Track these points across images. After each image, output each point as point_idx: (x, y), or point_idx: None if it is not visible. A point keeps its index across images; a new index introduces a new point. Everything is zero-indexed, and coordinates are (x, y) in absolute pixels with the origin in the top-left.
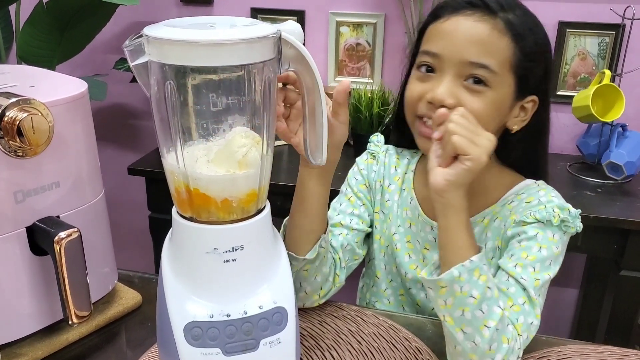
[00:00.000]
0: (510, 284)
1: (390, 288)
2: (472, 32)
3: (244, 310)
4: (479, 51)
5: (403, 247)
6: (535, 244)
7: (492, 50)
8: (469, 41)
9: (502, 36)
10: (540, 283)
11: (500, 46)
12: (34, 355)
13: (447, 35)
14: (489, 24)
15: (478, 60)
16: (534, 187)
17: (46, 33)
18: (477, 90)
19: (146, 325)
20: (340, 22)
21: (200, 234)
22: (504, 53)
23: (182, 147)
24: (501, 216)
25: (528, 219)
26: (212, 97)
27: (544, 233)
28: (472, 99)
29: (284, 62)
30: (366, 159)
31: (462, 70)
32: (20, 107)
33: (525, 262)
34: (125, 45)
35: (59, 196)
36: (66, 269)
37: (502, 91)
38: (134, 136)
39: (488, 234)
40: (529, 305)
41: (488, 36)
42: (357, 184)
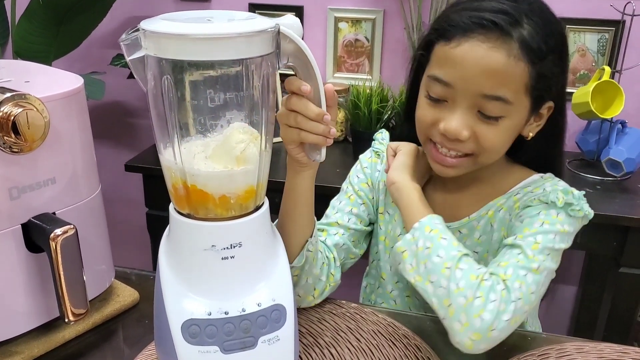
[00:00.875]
0: (503, 255)
1: (396, 289)
2: (485, 63)
3: (242, 307)
4: (494, 84)
5: None
6: (537, 220)
7: (507, 81)
8: (482, 73)
9: (518, 62)
10: (540, 247)
11: (517, 73)
12: (30, 354)
13: (458, 64)
14: (504, 51)
15: (493, 93)
16: (540, 180)
17: (42, 28)
18: (493, 121)
19: (143, 323)
20: (338, 18)
21: (198, 231)
22: (521, 80)
23: (179, 143)
24: (506, 207)
25: (532, 203)
26: (210, 92)
27: (547, 211)
28: (487, 129)
29: (283, 56)
30: (370, 157)
31: (475, 102)
32: (15, 102)
33: (525, 234)
34: (121, 39)
35: (54, 192)
36: (62, 266)
37: (519, 116)
38: (131, 132)
39: (494, 225)
40: (523, 263)
41: (503, 66)
42: (359, 183)
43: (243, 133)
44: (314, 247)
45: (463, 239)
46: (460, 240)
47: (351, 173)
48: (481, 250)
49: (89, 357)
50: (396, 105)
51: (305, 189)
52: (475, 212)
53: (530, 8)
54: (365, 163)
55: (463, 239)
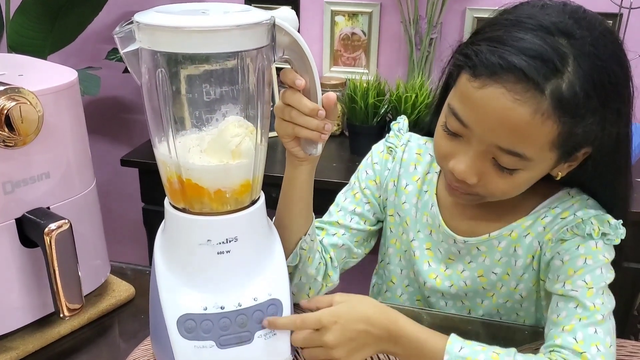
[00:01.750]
0: (560, 310)
1: (406, 293)
2: (507, 116)
3: (238, 302)
4: (513, 140)
5: (422, 255)
6: (579, 257)
7: (529, 139)
8: (502, 126)
9: (545, 120)
10: (594, 291)
11: (542, 132)
12: (25, 349)
13: (479, 108)
14: (531, 107)
15: (510, 148)
16: (567, 198)
17: (37, 22)
18: (507, 173)
19: (139, 318)
20: (335, 12)
21: (194, 226)
22: (545, 138)
23: (174, 137)
24: (533, 232)
25: (566, 236)
26: (205, 86)
27: (585, 245)
28: (499, 179)
29: (278, 49)
30: (382, 152)
31: (490, 149)
32: (8, 95)
33: (573, 277)
34: (115, 32)
35: (49, 187)
36: (57, 261)
37: (540, 168)
38: (127, 127)
39: (518, 250)
40: (586, 319)
41: (526, 124)
42: (367, 180)
43: (238, 127)
44: (309, 245)
45: (481, 256)
46: (478, 258)
47: (361, 166)
48: (500, 272)
49: (84, 353)
50: (392, 99)
51: (302, 183)
52: (497, 231)
53: (591, 42)
54: (376, 158)
55: (481, 256)
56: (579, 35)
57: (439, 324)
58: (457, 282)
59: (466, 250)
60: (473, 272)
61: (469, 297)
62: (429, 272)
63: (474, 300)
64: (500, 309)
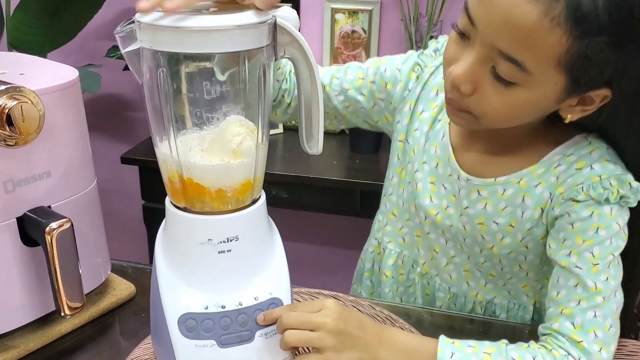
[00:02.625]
0: (560, 287)
1: (406, 227)
2: (513, 14)
3: (239, 301)
4: (514, 42)
5: (425, 188)
6: (590, 225)
7: (531, 45)
8: (505, 24)
9: (554, 27)
10: (600, 268)
11: (548, 41)
12: (26, 347)
13: (486, 1)
14: (542, 6)
15: (509, 53)
16: (584, 144)
17: (37, 19)
18: (502, 85)
19: (140, 316)
20: (335, 9)
21: (195, 225)
22: (551, 50)
23: (175, 136)
24: (545, 182)
25: (579, 196)
26: (206, 85)
27: (600, 211)
28: (493, 92)
29: (279, 48)
30: (411, 67)
31: (491, 54)
32: (9, 95)
33: (580, 248)
34: (116, 32)
35: (50, 186)
36: (58, 260)
37: (541, 91)
38: (127, 125)
39: (526, 200)
40: (586, 301)
41: (532, 25)
42: (381, 77)
43: (240, 126)
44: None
45: (481, 202)
46: (477, 204)
47: (385, 60)
48: (503, 223)
49: (85, 351)
50: None
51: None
52: (504, 177)
53: None
54: (404, 66)
55: (481, 202)
56: None
57: (440, 324)
58: (457, 223)
59: (466, 191)
60: (472, 218)
61: (467, 243)
62: (431, 208)
63: (473, 247)
64: (503, 259)
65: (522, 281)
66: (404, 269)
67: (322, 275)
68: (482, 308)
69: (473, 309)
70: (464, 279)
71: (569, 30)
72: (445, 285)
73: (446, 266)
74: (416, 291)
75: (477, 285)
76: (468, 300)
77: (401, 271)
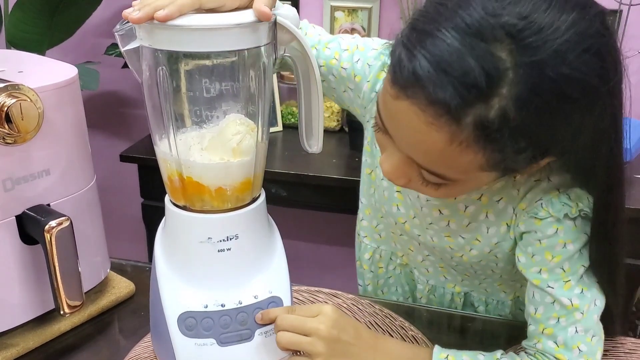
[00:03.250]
0: (537, 303)
1: (382, 224)
2: (420, 140)
3: (239, 300)
4: (430, 162)
5: (391, 197)
6: (557, 242)
7: (448, 165)
8: (416, 146)
9: (465, 149)
10: (573, 283)
11: (463, 160)
12: (25, 346)
13: (394, 120)
14: (446, 134)
15: (429, 168)
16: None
17: (35, 17)
18: (433, 186)
19: (139, 315)
20: (335, 7)
21: (194, 223)
22: (469, 164)
23: (174, 135)
24: (505, 196)
25: (540, 213)
26: (206, 83)
27: (563, 226)
28: (427, 189)
29: (279, 47)
30: (380, 66)
31: (412, 162)
32: (8, 92)
33: (550, 265)
34: (116, 30)
35: (49, 184)
36: (57, 258)
37: (473, 184)
38: (126, 122)
39: (489, 215)
40: (565, 318)
41: (442, 151)
42: (352, 68)
43: (239, 124)
44: None
45: (444, 219)
46: (440, 222)
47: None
48: (469, 237)
49: (84, 349)
50: None
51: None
52: (464, 194)
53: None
54: (375, 62)
55: (444, 219)
56: (531, 35)
57: (438, 321)
58: (424, 234)
59: (428, 210)
60: (439, 232)
61: (437, 250)
62: (398, 216)
63: (443, 254)
64: (475, 265)
65: (497, 282)
66: (382, 262)
67: (322, 273)
68: (460, 299)
69: (452, 300)
70: (440, 273)
71: (481, 148)
72: (424, 278)
73: (422, 262)
74: (398, 281)
75: (454, 279)
76: (447, 292)
77: (380, 264)
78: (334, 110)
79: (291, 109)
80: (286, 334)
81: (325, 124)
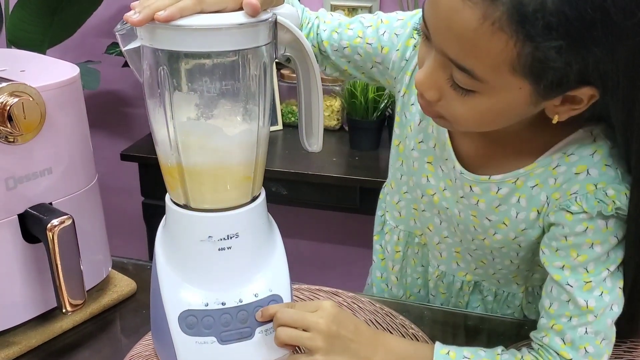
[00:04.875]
0: (553, 298)
1: (403, 200)
2: (454, 20)
3: (240, 298)
4: (460, 50)
5: (421, 168)
6: (585, 241)
7: (477, 53)
8: (449, 31)
9: (496, 32)
10: (594, 285)
11: (493, 47)
12: (28, 344)
13: (433, 5)
14: (480, 10)
15: (458, 62)
16: (588, 141)
17: (36, 16)
18: (463, 93)
19: (141, 313)
20: (335, 6)
21: (195, 222)
22: (499, 55)
23: (175, 134)
24: (542, 183)
25: (572, 207)
26: (206, 83)
27: (594, 226)
28: (456, 100)
29: (280, 46)
30: (409, 34)
31: (446, 61)
32: (10, 92)
33: (574, 263)
34: (116, 30)
35: (51, 183)
36: (59, 256)
37: (506, 97)
38: (126, 121)
39: (521, 200)
40: (577, 318)
41: (474, 32)
42: (379, 41)
43: (240, 123)
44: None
45: (473, 197)
46: (470, 197)
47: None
48: (495, 220)
49: (86, 347)
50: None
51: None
52: (499, 175)
53: None
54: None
55: (473, 197)
56: None
57: (441, 320)
58: (453, 207)
59: (460, 182)
60: (467, 208)
61: (460, 229)
62: (428, 187)
63: (465, 234)
64: (495, 252)
65: (512, 273)
66: (400, 245)
67: (322, 271)
68: (469, 288)
69: (461, 288)
70: (454, 259)
71: (514, 34)
72: (435, 262)
73: (438, 244)
74: (412, 262)
75: (467, 267)
76: (457, 279)
77: (397, 248)
78: (333, 109)
79: (291, 108)
80: (285, 329)
81: (325, 123)
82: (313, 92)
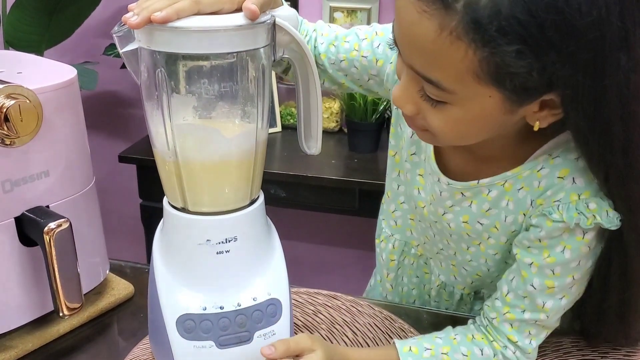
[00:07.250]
0: (511, 288)
1: (400, 210)
2: (413, 33)
3: (238, 302)
4: (424, 63)
5: (413, 180)
6: (559, 243)
7: (440, 64)
8: (411, 43)
9: (455, 41)
10: (556, 290)
11: (454, 57)
12: (24, 348)
13: (396, 19)
14: (436, 21)
15: (424, 74)
16: (572, 147)
17: (34, 17)
18: (436, 105)
19: (138, 316)
20: (334, 8)
21: (193, 225)
22: (460, 64)
23: (173, 136)
24: (528, 186)
25: (553, 215)
26: (204, 85)
27: (570, 234)
28: (431, 113)
29: (278, 48)
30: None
31: (416, 75)
32: (7, 94)
33: (543, 262)
34: (114, 31)
35: (48, 185)
36: (56, 260)
37: (474, 106)
38: (124, 123)
39: (510, 204)
40: (530, 313)
41: (433, 43)
42: (373, 54)
43: (238, 125)
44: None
45: (466, 201)
46: (462, 203)
47: (387, 31)
48: (487, 224)
49: (83, 351)
50: None
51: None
52: (488, 179)
53: None
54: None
55: (466, 201)
56: None
57: (439, 323)
58: (441, 221)
59: (449, 193)
60: (457, 216)
61: (454, 239)
62: (419, 199)
63: (459, 244)
64: (489, 260)
65: None
66: (395, 254)
67: (321, 274)
68: (471, 298)
69: (462, 299)
70: (451, 272)
71: (472, 42)
72: (437, 271)
73: (437, 254)
74: (408, 272)
75: (464, 282)
76: (456, 292)
77: (392, 257)
78: (333, 111)
79: (290, 110)
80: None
81: (324, 125)
82: (312, 94)
